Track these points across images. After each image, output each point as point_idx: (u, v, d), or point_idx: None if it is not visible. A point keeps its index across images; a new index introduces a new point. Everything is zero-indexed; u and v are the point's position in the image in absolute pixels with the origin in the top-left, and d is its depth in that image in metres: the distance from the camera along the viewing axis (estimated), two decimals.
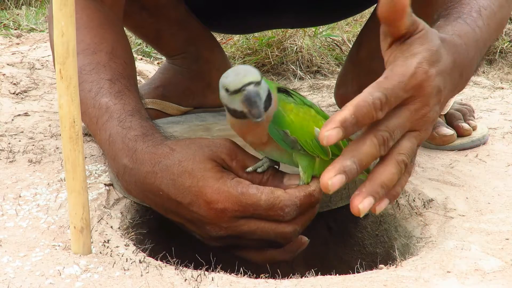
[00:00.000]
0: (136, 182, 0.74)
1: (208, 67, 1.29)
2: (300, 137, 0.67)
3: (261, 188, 0.68)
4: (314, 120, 0.68)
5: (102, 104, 0.81)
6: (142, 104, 0.85)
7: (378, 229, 0.93)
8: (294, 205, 0.68)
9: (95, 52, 0.88)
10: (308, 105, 0.69)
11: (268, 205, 0.67)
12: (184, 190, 0.69)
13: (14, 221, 0.77)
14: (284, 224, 0.69)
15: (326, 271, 0.75)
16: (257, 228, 0.69)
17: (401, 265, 0.69)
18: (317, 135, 0.67)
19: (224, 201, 0.67)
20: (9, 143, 1.04)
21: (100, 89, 0.83)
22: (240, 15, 1.29)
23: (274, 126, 0.67)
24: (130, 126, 0.77)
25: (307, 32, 2.00)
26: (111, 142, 0.78)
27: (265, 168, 0.72)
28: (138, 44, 2.03)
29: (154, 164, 0.72)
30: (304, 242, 0.75)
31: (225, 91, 0.65)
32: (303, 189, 0.69)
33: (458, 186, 0.93)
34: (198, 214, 0.69)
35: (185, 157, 0.70)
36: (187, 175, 0.69)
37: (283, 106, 0.67)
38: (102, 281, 0.64)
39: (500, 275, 0.66)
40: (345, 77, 1.30)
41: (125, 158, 0.75)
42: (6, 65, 1.50)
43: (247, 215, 0.68)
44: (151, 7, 1.20)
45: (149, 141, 0.74)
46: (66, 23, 0.62)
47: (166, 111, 1.25)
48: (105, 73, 0.85)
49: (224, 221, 0.68)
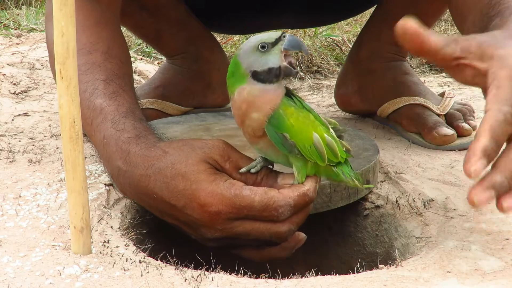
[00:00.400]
0: (130, 185, 0.74)
1: (208, 67, 1.29)
2: (299, 142, 0.67)
3: (255, 190, 0.68)
4: (313, 126, 0.68)
5: (96, 105, 0.81)
6: (137, 104, 0.85)
7: (378, 229, 0.93)
8: (288, 205, 0.68)
9: (91, 52, 0.88)
10: (307, 110, 0.69)
11: (262, 206, 0.67)
12: (178, 193, 0.69)
13: (14, 221, 0.77)
14: (279, 223, 0.69)
15: (326, 271, 0.75)
16: (252, 229, 0.69)
17: (401, 265, 0.69)
18: (315, 141, 0.67)
19: (217, 204, 0.67)
20: (9, 143, 1.04)
21: (95, 90, 0.83)
22: (240, 15, 1.29)
23: (274, 129, 0.66)
24: (123, 128, 0.77)
25: (307, 32, 2.00)
26: (105, 144, 0.78)
27: (258, 169, 0.71)
28: (138, 44, 2.03)
29: (147, 167, 0.72)
30: (301, 238, 0.75)
31: (257, 51, 0.65)
32: (297, 188, 0.69)
33: (458, 186, 0.93)
34: (192, 217, 0.69)
35: (177, 160, 0.70)
36: (180, 178, 0.69)
37: (284, 109, 0.66)
38: (102, 281, 0.64)
39: (500, 275, 0.66)
40: (345, 77, 1.30)
41: (119, 160, 0.75)
42: (6, 65, 1.50)
43: (242, 216, 0.68)
44: (151, 7, 1.20)
45: (142, 143, 0.74)
46: (66, 23, 0.62)
47: (166, 111, 1.25)
48: (100, 74, 0.85)
49: (218, 223, 0.69)
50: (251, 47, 0.66)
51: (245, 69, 0.66)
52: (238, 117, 0.68)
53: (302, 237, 0.75)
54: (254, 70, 0.66)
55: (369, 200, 0.94)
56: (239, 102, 0.67)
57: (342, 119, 1.32)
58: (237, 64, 0.67)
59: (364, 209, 0.94)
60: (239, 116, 0.68)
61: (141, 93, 1.25)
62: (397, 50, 1.25)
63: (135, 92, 0.89)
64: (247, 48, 0.66)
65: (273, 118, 0.66)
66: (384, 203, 0.92)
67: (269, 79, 0.66)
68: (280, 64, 0.65)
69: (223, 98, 1.31)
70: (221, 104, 1.32)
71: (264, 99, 0.66)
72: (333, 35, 2.02)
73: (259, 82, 0.66)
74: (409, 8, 1.18)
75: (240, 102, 0.67)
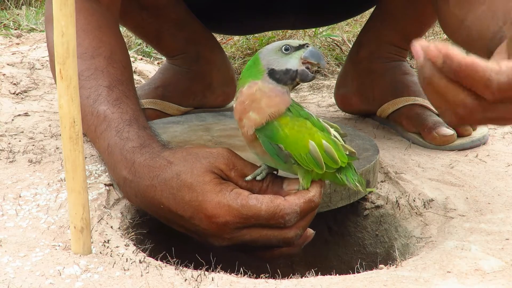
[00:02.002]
0: (137, 194, 0.74)
1: (208, 67, 1.29)
2: (294, 151, 0.66)
3: (261, 198, 0.68)
4: (310, 133, 0.67)
5: (100, 112, 0.81)
6: (140, 110, 0.85)
7: (378, 229, 0.93)
8: (294, 212, 0.68)
9: (94, 56, 0.88)
10: (304, 117, 0.68)
11: (269, 215, 0.68)
12: (185, 204, 0.69)
13: (14, 221, 0.77)
14: (286, 230, 0.70)
15: (326, 271, 0.76)
16: (260, 236, 0.70)
17: (401, 265, 0.69)
18: (311, 149, 0.67)
19: (225, 215, 0.68)
20: (9, 143, 1.04)
21: (98, 97, 0.83)
22: (241, 16, 1.29)
23: (268, 140, 0.66)
24: (127, 137, 0.77)
25: (307, 32, 2.00)
26: (110, 153, 0.78)
27: (264, 176, 0.71)
28: (138, 44, 2.03)
29: (153, 178, 0.72)
30: (310, 234, 0.75)
31: (279, 51, 0.67)
32: (302, 195, 0.69)
33: (458, 186, 0.93)
34: (200, 227, 0.70)
35: (182, 170, 0.70)
36: (186, 189, 0.69)
37: (278, 119, 0.66)
38: (102, 281, 0.64)
39: (500, 275, 0.66)
40: (345, 77, 1.30)
41: (124, 170, 0.75)
42: (6, 65, 1.50)
43: (249, 225, 0.69)
44: (151, 8, 1.20)
45: (146, 153, 0.74)
46: (66, 23, 0.62)
47: (166, 111, 1.25)
48: (103, 80, 0.85)
49: (226, 233, 0.69)
50: (275, 47, 0.67)
51: (264, 66, 0.67)
52: (238, 113, 0.68)
53: (311, 233, 0.75)
54: (272, 68, 0.67)
55: (369, 200, 0.94)
56: (245, 95, 0.67)
57: (342, 119, 1.32)
58: (257, 60, 0.68)
59: (364, 209, 0.94)
60: (239, 112, 0.68)
61: (141, 93, 1.25)
62: (397, 50, 1.25)
63: (138, 97, 0.89)
64: (271, 48, 0.68)
65: (267, 130, 0.66)
66: (384, 203, 0.92)
67: (284, 80, 0.66)
68: (298, 68, 0.66)
69: (223, 98, 1.31)
70: (221, 104, 1.32)
71: (269, 100, 0.66)
72: (333, 35, 2.02)
73: (273, 81, 0.66)
74: (409, 9, 1.18)
75: (246, 96, 0.67)
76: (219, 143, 0.96)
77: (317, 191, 0.70)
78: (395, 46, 1.23)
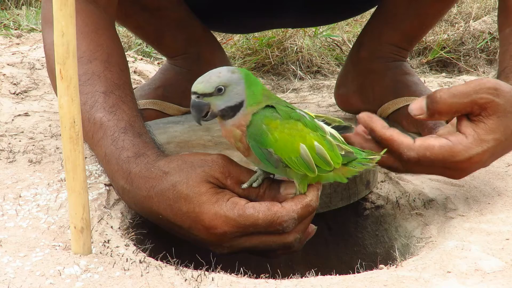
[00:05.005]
0: (136, 204, 0.75)
1: (208, 68, 1.28)
2: (285, 155, 0.66)
3: (258, 207, 0.68)
4: (301, 135, 0.67)
5: (96, 119, 0.81)
6: (137, 115, 0.85)
7: (378, 229, 0.93)
8: (292, 219, 0.69)
9: (91, 60, 0.88)
10: (295, 119, 0.67)
11: (267, 223, 0.68)
12: (182, 216, 0.70)
13: (14, 221, 0.77)
14: (285, 235, 0.70)
15: (326, 271, 0.75)
16: (259, 242, 0.70)
17: (401, 265, 0.69)
18: (302, 153, 0.66)
19: (222, 226, 0.68)
20: (9, 143, 1.04)
21: (95, 103, 0.83)
22: (241, 15, 1.29)
23: (257, 145, 0.66)
24: (122, 146, 0.77)
25: (307, 32, 2.00)
26: (107, 162, 0.79)
27: (260, 182, 0.71)
28: (138, 44, 2.03)
29: (149, 189, 0.72)
30: (312, 230, 0.76)
31: None
32: (299, 201, 0.69)
33: (458, 186, 0.93)
34: (199, 237, 0.70)
35: (178, 181, 0.70)
36: (183, 201, 0.69)
37: (268, 123, 0.66)
38: (102, 281, 0.64)
39: (500, 275, 0.66)
40: (345, 77, 1.30)
41: (122, 180, 0.75)
42: (6, 65, 1.50)
43: (248, 233, 0.69)
44: (152, 8, 1.20)
45: (141, 163, 0.74)
46: (66, 23, 0.62)
47: (166, 111, 1.25)
48: (100, 85, 0.85)
49: (225, 242, 0.70)
50: None
51: None
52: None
53: (313, 229, 0.76)
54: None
55: (369, 200, 0.94)
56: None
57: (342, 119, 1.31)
58: None
59: (364, 209, 0.94)
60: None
61: (141, 93, 1.25)
62: (397, 50, 1.24)
63: (135, 100, 0.89)
64: None
65: (256, 135, 0.66)
66: (384, 203, 0.92)
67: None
68: None
69: None
70: None
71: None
72: (333, 35, 2.02)
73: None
74: (410, 9, 1.18)
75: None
76: (219, 143, 0.96)
77: (314, 195, 0.70)
78: (395, 46, 1.23)
